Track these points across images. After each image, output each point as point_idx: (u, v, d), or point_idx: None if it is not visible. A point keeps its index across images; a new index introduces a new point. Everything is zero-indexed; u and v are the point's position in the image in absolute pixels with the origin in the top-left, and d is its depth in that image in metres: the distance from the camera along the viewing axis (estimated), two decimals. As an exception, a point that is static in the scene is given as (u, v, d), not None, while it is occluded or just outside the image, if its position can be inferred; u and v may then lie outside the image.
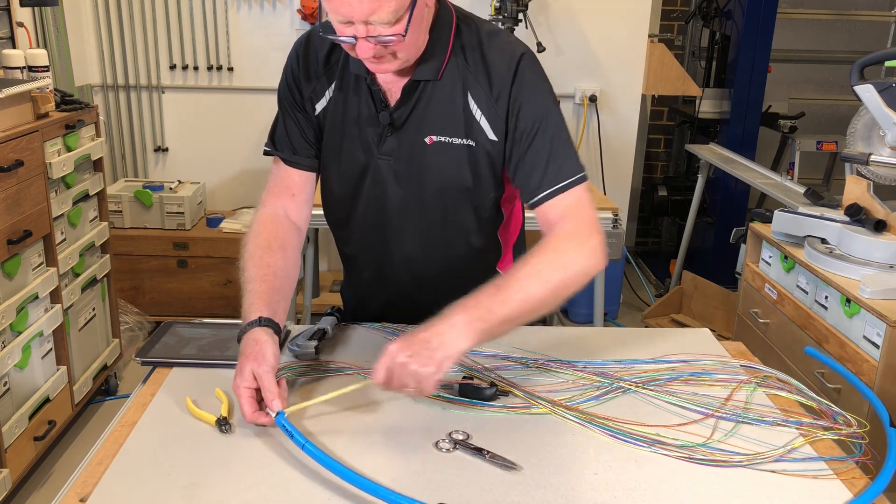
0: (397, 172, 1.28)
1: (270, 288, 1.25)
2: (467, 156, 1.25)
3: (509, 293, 1.08)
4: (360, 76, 1.25)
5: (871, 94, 2.15)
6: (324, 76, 1.29)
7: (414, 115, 1.25)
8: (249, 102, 3.82)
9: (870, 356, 1.84)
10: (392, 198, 1.30)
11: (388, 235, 1.34)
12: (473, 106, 1.24)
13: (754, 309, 2.41)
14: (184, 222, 3.52)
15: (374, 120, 1.27)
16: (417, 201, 1.30)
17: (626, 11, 3.77)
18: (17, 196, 2.20)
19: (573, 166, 1.23)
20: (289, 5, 3.67)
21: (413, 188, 1.29)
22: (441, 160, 1.26)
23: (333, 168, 1.33)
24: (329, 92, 1.30)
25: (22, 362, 2.27)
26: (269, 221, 1.32)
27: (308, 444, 0.98)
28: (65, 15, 3.37)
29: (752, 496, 0.95)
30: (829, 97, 4.59)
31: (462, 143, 1.25)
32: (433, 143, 1.25)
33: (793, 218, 2.23)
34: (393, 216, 1.32)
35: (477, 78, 1.23)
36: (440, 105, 1.24)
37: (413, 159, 1.27)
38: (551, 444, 1.05)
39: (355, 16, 1.07)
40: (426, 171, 1.27)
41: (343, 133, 1.30)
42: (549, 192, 1.21)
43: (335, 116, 1.30)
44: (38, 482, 2.47)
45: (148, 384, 1.21)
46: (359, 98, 1.27)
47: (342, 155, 1.31)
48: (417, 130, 1.25)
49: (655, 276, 4.45)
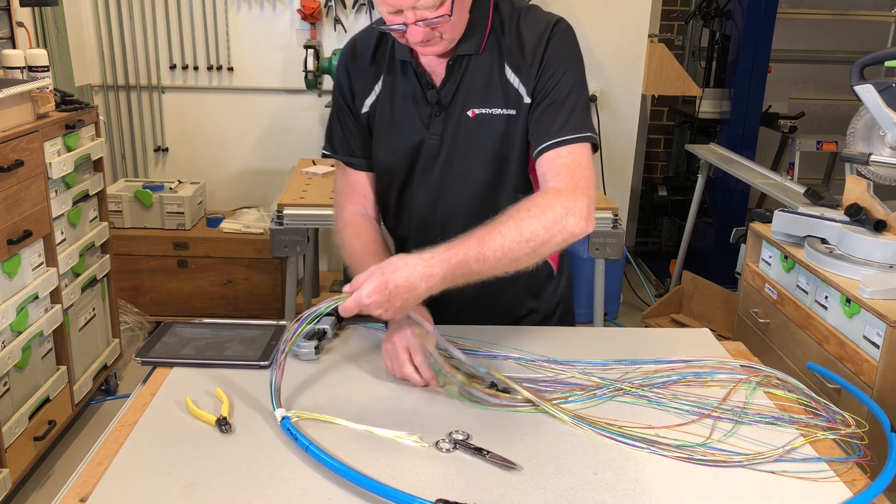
0: (445, 147, 1.34)
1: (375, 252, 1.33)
2: (507, 126, 1.31)
3: (486, 243, 1.12)
4: (406, 61, 1.32)
5: (871, 94, 2.15)
6: (371, 72, 1.37)
7: (459, 91, 1.31)
8: (249, 102, 3.82)
9: (870, 356, 1.84)
10: (441, 173, 1.35)
11: (438, 212, 1.39)
12: (510, 74, 1.30)
13: (754, 309, 2.41)
14: (184, 222, 3.52)
15: (422, 100, 1.33)
16: (462, 175, 1.35)
17: (626, 11, 3.77)
18: (17, 196, 2.21)
19: (581, 125, 1.26)
20: (289, 5, 3.67)
21: (459, 162, 1.34)
22: (483, 132, 1.31)
23: (384, 151, 1.38)
24: (378, 85, 1.37)
25: (22, 362, 2.27)
26: (361, 223, 1.41)
27: (312, 447, 0.99)
28: (65, 15, 3.37)
29: (752, 496, 0.95)
30: (829, 97, 4.59)
31: (502, 113, 1.30)
32: (475, 116, 1.31)
33: (793, 218, 2.23)
34: (442, 192, 1.37)
35: (512, 48, 1.30)
36: (481, 77, 1.30)
37: (459, 133, 1.33)
38: (551, 444, 1.05)
39: (403, 3, 1.15)
40: (471, 144, 1.33)
41: (394, 116, 1.36)
42: (551, 143, 1.25)
43: (385, 103, 1.37)
44: (38, 482, 2.47)
45: (148, 384, 1.21)
46: (407, 82, 1.34)
47: (394, 137, 1.37)
48: (462, 105, 1.32)
49: (655, 276, 4.45)
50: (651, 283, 4.39)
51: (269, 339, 1.32)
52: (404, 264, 1.09)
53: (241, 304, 3.56)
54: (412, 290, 1.08)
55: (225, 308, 3.56)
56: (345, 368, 1.26)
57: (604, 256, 2.66)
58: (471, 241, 1.12)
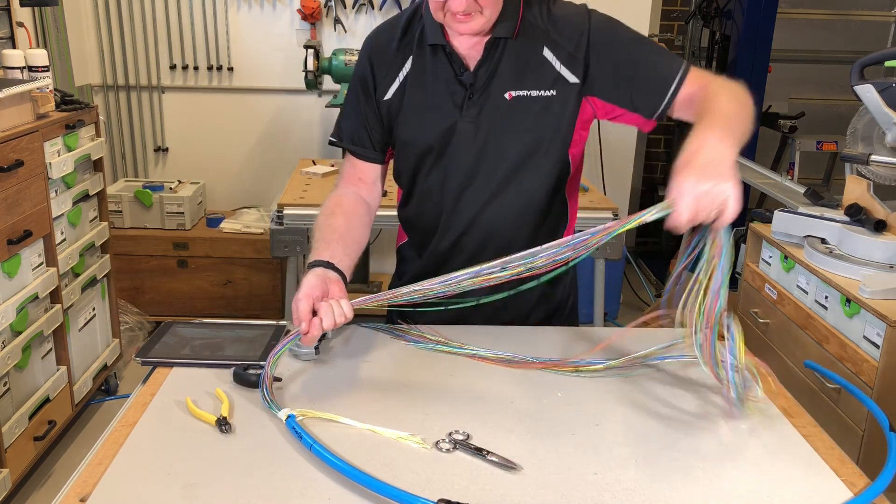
0: (481, 130, 1.35)
1: (331, 239, 1.32)
2: (546, 107, 1.33)
3: (718, 115, 1.14)
4: (437, 45, 1.34)
5: (871, 94, 2.16)
6: (397, 59, 1.38)
7: (497, 73, 1.33)
8: (249, 102, 3.82)
9: (870, 356, 1.84)
10: (475, 155, 1.36)
11: (466, 195, 1.39)
12: (551, 56, 1.33)
13: (754, 309, 2.41)
14: (184, 222, 3.53)
15: (454, 83, 1.35)
16: (496, 156, 1.36)
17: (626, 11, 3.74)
18: (17, 196, 2.21)
19: (674, 59, 1.33)
20: (289, 5, 3.67)
21: (494, 144, 1.35)
22: (520, 114, 1.34)
23: (413, 131, 1.39)
24: (404, 71, 1.38)
25: (22, 362, 2.27)
26: (335, 198, 1.43)
27: (315, 445, 0.99)
28: (65, 15, 3.37)
29: (752, 496, 0.95)
30: (829, 97, 4.59)
31: (540, 94, 1.33)
32: (513, 98, 1.33)
33: (793, 218, 2.23)
34: (475, 174, 1.37)
35: (549, 32, 1.33)
36: (518, 61, 1.33)
37: (496, 115, 1.34)
38: (551, 444, 1.05)
39: None
40: (507, 126, 1.34)
41: (425, 98, 1.37)
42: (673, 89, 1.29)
43: (414, 86, 1.37)
44: (38, 482, 2.47)
45: (148, 384, 1.21)
46: (437, 66, 1.36)
47: (424, 118, 1.37)
48: (499, 87, 1.33)
49: (655, 276, 4.45)
50: (651, 283, 4.40)
51: (269, 339, 1.32)
52: (696, 149, 1.06)
53: (240, 304, 3.56)
54: (722, 160, 1.05)
55: (225, 308, 3.56)
56: (345, 368, 1.26)
57: (604, 256, 2.66)
58: (710, 116, 1.14)
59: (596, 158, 3.89)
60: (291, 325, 1.22)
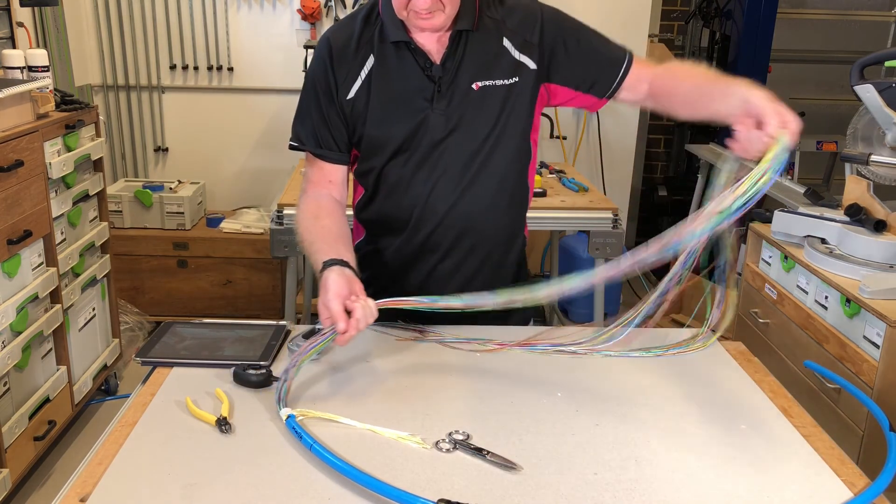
0: (451, 121, 1.37)
1: (331, 240, 1.34)
2: (510, 94, 1.38)
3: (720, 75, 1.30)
4: (400, 42, 1.36)
5: (871, 94, 2.16)
6: (357, 59, 1.39)
7: (462, 65, 1.37)
8: (249, 102, 3.82)
9: (870, 356, 1.84)
10: (445, 146, 1.39)
11: (443, 186, 1.40)
12: (509, 45, 1.38)
13: (754, 309, 2.41)
14: (184, 222, 3.52)
15: (422, 77, 1.37)
16: (463, 144, 1.39)
17: (626, 11, 3.77)
18: (16, 196, 2.21)
19: (619, 45, 1.45)
20: (289, 5, 3.67)
21: (463, 134, 1.38)
22: (487, 102, 1.38)
23: (381, 127, 1.39)
24: (365, 69, 1.38)
25: (22, 362, 2.27)
26: (311, 201, 1.44)
27: (315, 445, 0.99)
28: (65, 15, 3.37)
29: (752, 497, 0.95)
30: (829, 97, 4.59)
31: (504, 82, 1.38)
32: (479, 88, 1.37)
33: (793, 218, 2.23)
34: (449, 166, 1.39)
35: (504, 22, 1.38)
36: (481, 52, 1.37)
37: (465, 106, 1.37)
38: (551, 444, 1.05)
39: None
40: (477, 115, 1.38)
41: (394, 96, 1.38)
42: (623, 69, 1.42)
43: (378, 84, 1.38)
44: (38, 482, 2.47)
45: (148, 384, 1.21)
46: (402, 62, 1.37)
47: (392, 114, 1.38)
48: (466, 79, 1.37)
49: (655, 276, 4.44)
50: (651, 283, 4.39)
51: (269, 339, 1.32)
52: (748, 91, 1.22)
53: (241, 304, 3.56)
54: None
55: (225, 308, 3.56)
56: (345, 368, 1.26)
57: (604, 256, 2.66)
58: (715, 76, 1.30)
59: (596, 158, 3.89)
60: (318, 325, 1.22)
